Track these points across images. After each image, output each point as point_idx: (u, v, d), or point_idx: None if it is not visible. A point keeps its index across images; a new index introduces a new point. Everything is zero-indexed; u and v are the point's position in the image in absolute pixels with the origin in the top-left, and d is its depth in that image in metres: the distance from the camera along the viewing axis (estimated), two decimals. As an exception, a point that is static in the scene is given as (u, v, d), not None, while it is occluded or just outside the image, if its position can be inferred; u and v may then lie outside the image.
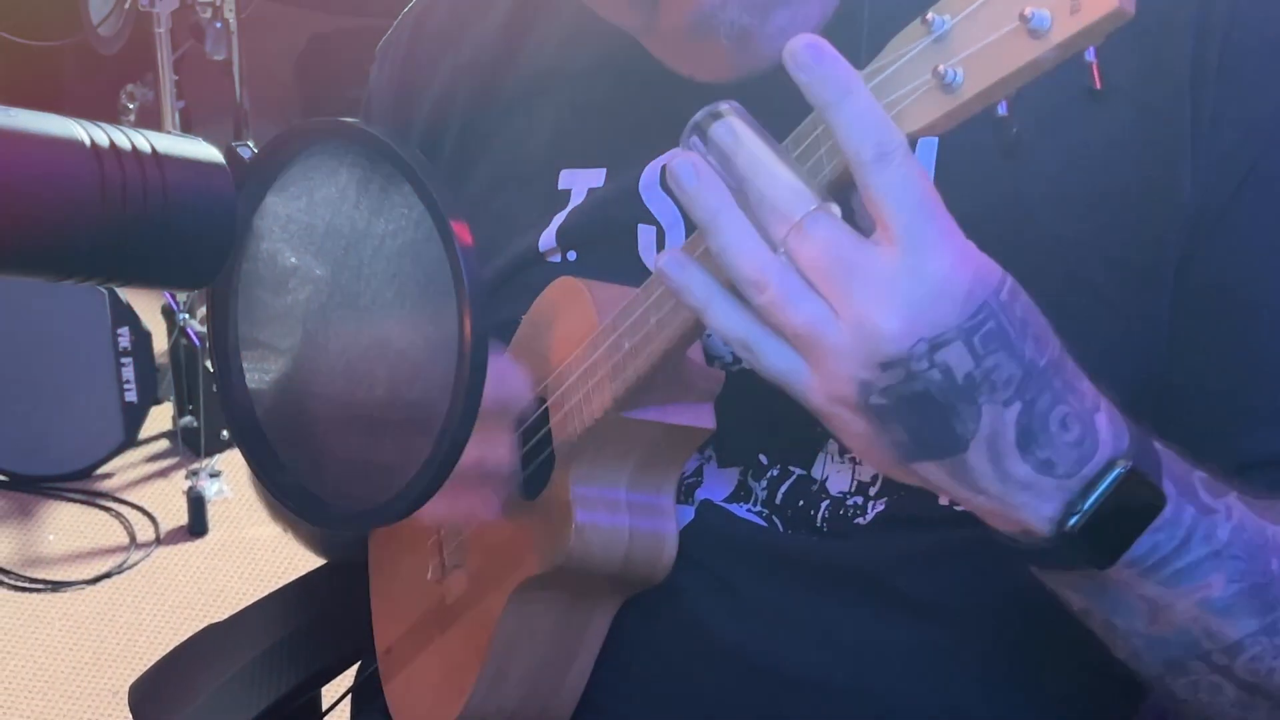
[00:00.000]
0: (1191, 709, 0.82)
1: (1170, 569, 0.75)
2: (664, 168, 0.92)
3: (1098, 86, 0.63)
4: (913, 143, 0.68)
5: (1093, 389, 0.72)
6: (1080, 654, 0.87)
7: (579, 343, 0.85)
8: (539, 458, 0.88)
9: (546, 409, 0.88)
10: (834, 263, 0.68)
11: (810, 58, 0.68)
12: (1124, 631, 0.79)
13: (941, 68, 0.64)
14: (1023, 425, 0.70)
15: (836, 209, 0.69)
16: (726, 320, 0.72)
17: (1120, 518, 0.72)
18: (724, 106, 0.71)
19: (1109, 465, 0.71)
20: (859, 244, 0.68)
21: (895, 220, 0.67)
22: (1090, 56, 0.62)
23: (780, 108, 0.87)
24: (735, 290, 0.71)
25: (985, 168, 0.74)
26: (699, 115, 0.72)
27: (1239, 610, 0.77)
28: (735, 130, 0.71)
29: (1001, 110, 0.64)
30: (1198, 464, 0.77)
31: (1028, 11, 0.61)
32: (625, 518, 0.86)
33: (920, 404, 0.69)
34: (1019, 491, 0.71)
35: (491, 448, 0.85)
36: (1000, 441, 0.70)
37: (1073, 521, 0.71)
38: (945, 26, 0.65)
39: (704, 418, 0.85)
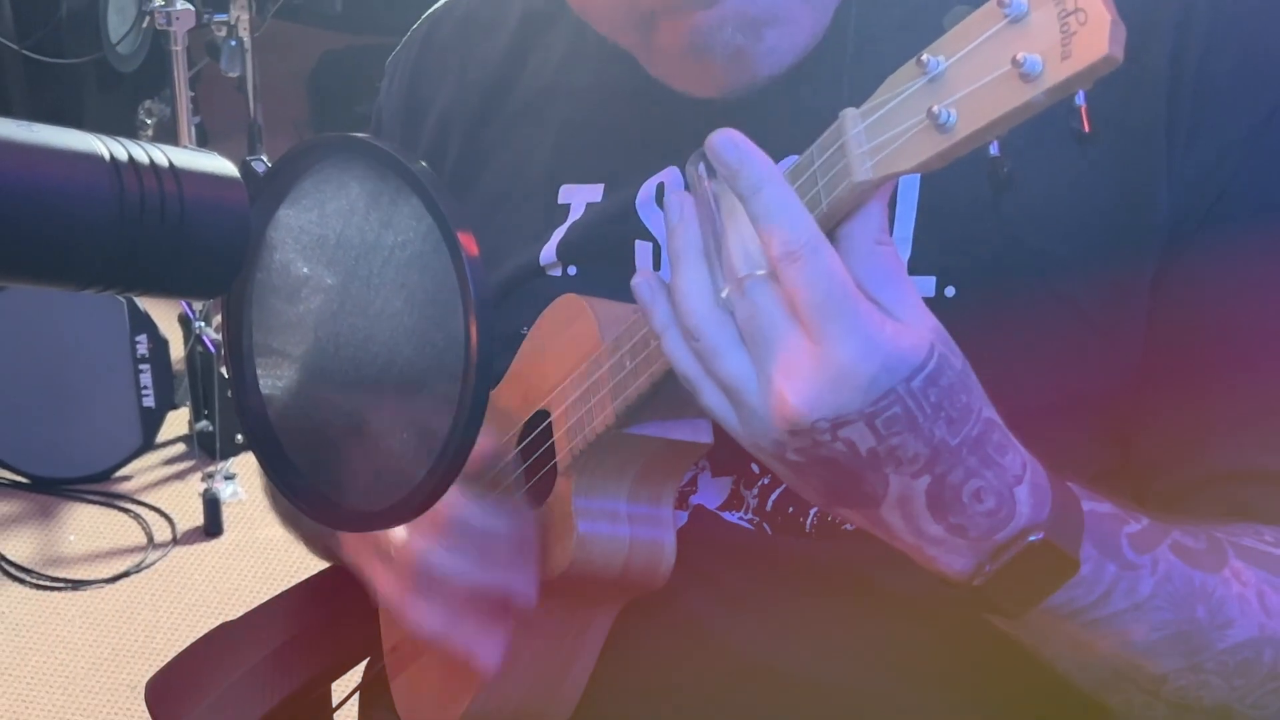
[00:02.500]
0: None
1: (1088, 618, 0.75)
2: (659, 187, 0.93)
3: (1086, 130, 0.63)
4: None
5: (1019, 459, 0.72)
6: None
7: (582, 359, 0.85)
8: (542, 470, 0.88)
9: (550, 423, 0.87)
10: (759, 330, 0.69)
11: (725, 153, 0.69)
12: (1051, 657, 0.80)
13: (935, 108, 0.64)
14: (933, 494, 0.71)
15: None
16: (676, 352, 0.73)
17: (1029, 579, 0.72)
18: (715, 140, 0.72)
19: (1022, 534, 0.72)
20: (783, 318, 0.68)
21: (804, 311, 0.67)
22: (1080, 101, 0.62)
23: (773, 122, 0.87)
24: None
25: (972, 193, 0.74)
26: (707, 144, 0.72)
27: (1162, 653, 0.77)
28: (741, 149, 0.70)
29: (993, 150, 0.64)
30: (1134, 516, 0.77)
31: (1020, 56, 0.61)
32: (625, 528, 0.86)
33: (830, 467, 0.70)
34: (930, 546, 0.72)
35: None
36: (911, 504, 0.71)
37: (978, 581, 0.72)
38: (940, 68, 0.65)
39: (702, 433, 0.85)
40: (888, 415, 0.68)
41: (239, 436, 2.78)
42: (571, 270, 0.95)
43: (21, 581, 2.58)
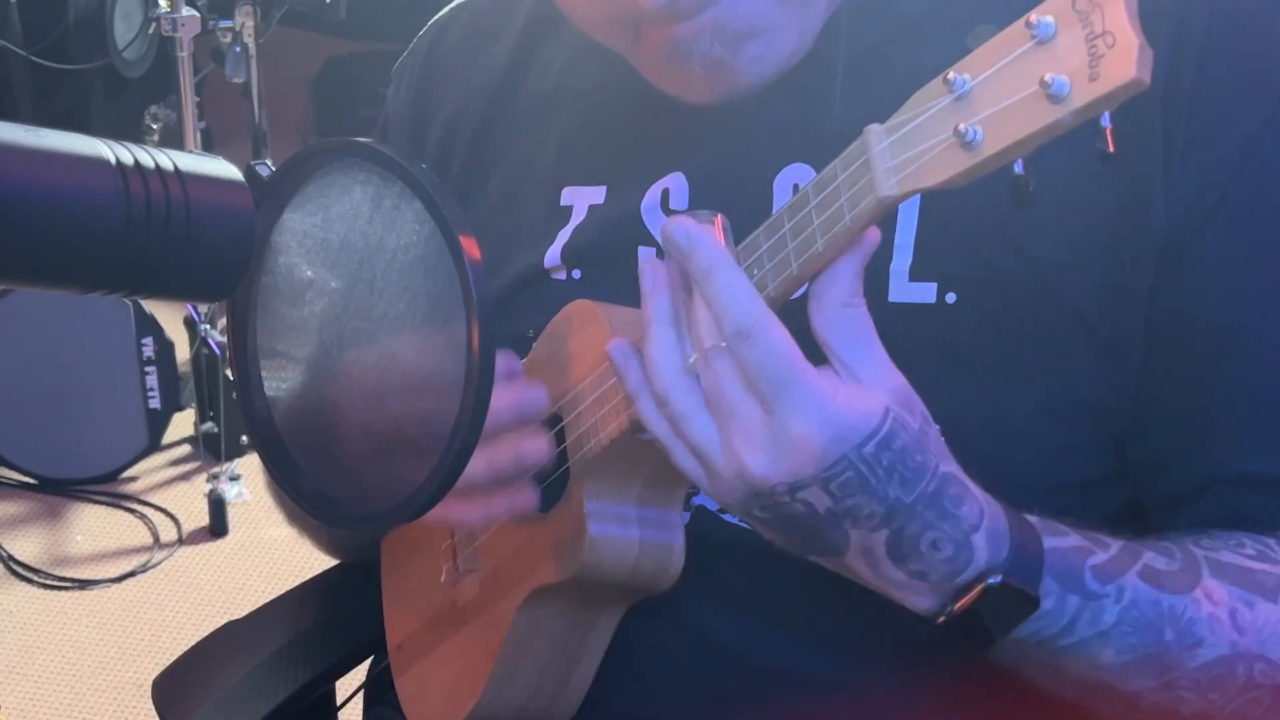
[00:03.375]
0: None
1: (1055, 646, 0.78)
2: (664, 193, 0.92)
3: (1111, 150, 0.63)
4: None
5: (977, 508, 0.74)
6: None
7: (595, 365, 0.85)
8: (555, 473, 0.88)
9: (563, 427, 0.87)
10: (722, 399, 0.72)
11: (677, 238, 0.72)
12: (1028, 675, 0.81)
13: (962, 126, 0.64)
14: (891, 545, 0.73)
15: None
16: (648, 415, 0.76)
17: (991, 617, 0.75)
18: (704, 214, 0.74)
19: (979, 577, 0.74)
20: (742, 392, 0.71)
21: (757, 386, 0.70)
22: (1106, 122, 0.62)
23: (771, 130, 0.87)
24: None
25: (973, 201, 0.74)
26: (683, 215, 0.74)
27: (1132, 673, 0.79)
28: (698, 240, 0.72)
29: (1018, 169, 0.64)
30: (1101, 545, 0.79)
31: (1048, 77, 0.61)
32: (635, 531, 0.87)
33: (792, 524, 0.74)
34: (896, 588, 0.75)
35: (533, 443, 0.85)
36: (873, 554, 0.74)
37: (942, 619, 0.75)
38: (966, 86, 0.65)
39: None
40: (841, 480, 0.71)
41: (244, 438, 2.78)
42: (576, 274, 0.95)
43: (29, 581, 2.58)
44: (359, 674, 1.18)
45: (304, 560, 2.57)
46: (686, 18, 0.82)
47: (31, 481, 2.82)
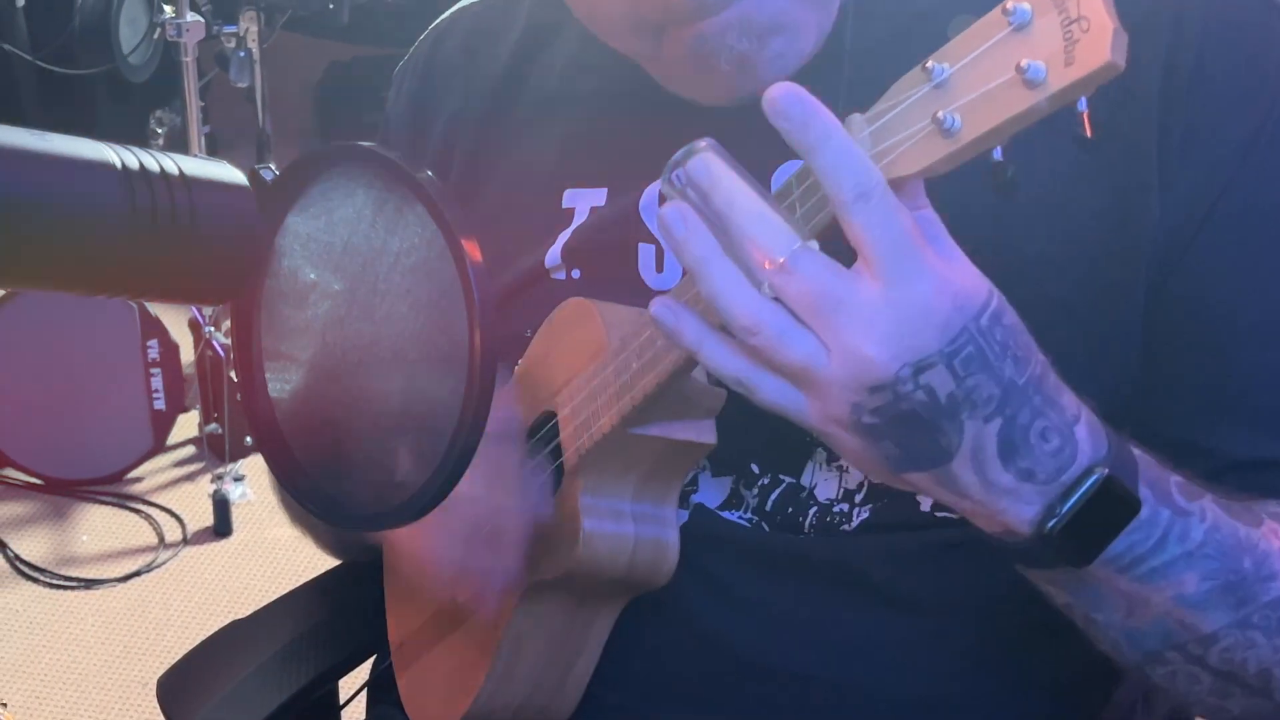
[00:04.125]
0: (1171, 696, 0.82)
1: (1146, 567, 0.75)
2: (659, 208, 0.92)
3: (1088, 135, 0.63)
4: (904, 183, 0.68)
5: (1074, 400, 0.73)
6: (1055, 646, 0.87)
7: (589, 361, 0.85)
8: (549, 469, 0.88)
9: (557, 423, 0.87)
10: (820, 298, 0.68)
11: (789, 105, 0.68)
12: (1104, 624, 0.79)
13: (941, 113, 0.64)
14: (1004, 438, 0.70)
15: (815, 244, 0.69)
16: (721, 360, 0.72)
17: (1097, 521, 0.72)
18: (700, 144, 0.71)
19: (1086, 472, 0.72)
20: (843, 278, 0.68)
21: (875, 255, 0.67)
22: (1082, 106, 0.62)
23: (764, 125, 0.86)
24: (725, 330, 0.71)
25: (969, 195, 0.74)
26: (678, 154, 0.71)
27: (1212, 605, 0.77)
28: (709, 167, 0.70)
29: (997, 155, 0.65)
30: (1175, 469, 0.77)
31: (1024, 63, 0.61)
32: (630, 526, 0.86)
33: (908, 422, 0.69)
34: (1001, 497, 0.72)
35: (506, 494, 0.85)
36: (983, 453, 0.70)
37: (1051, 524, 0.72)
38: (945, 74, 0.65)
39: (706, 434, 0.85)
40: (964, 355, 0.68)
41: (248, 439, 2.78)
42: (575, 273, 0.95)
43: (35, 580, 2.58)
44: (362, 673, 1.18)
45: (307, 560, 2.57)
46: (714, 13, 0.82)
47: (38, 482, 2.82)
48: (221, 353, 2.78)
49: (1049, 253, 0.84)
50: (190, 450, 2.95)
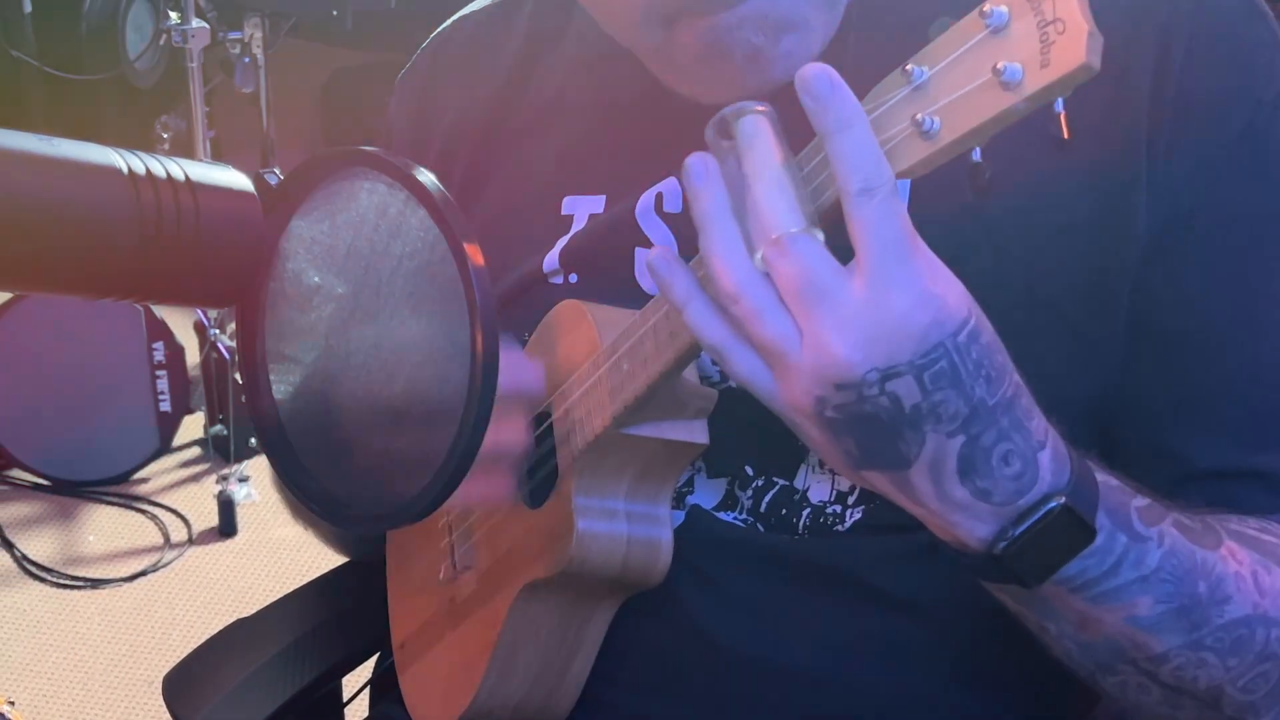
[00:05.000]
0: (1123, 705, 0.82)
1: (1099, 589, 0.75)
2: (658, 196, 0.92)
3: (1066, 136, 0.63)
4: None
5: (1043, 425, 0.72)
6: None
7: (582, 363, 0.85)
8: (544, 469, 0.88)
9: (551, 424, 0.88)
10: (806, 285, 0.67)
11: (820, 86, 0.67)
12: (1055, 634, 0.79)
13: (920, 116, 0.64)
14: (965, 455, 0.70)
15: (820, 234, 0.69)
16: (702, 321, 0.72)
17: (1048, 547, 0.72)
18: (759, 105, 0.70)
19: (1043, 499, 0.71)
20: (832, 271, 0.67)
21: (868, 253, 0.66)
22: (1059, 108, 0.63)
23: (784, 128, 0.86)
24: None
25: (956, 198, 0.74)
26: (729, 109, 0.71)
27: (1165, 628, 0.77)
28: (756, 128, 0.70)
29: (975, 156, 0.65)
30: (1139, 491, 0.77)
31: (1000, 65, 0.61)
32: (624, 526, 0.86)
33: (869, 423, 0.69)
34: (955, 511, 0.71)
35: (508, 432, 0.85)
36: (942, 467, 0.70)
37: (1001, 546, 0.71)
38: (924, 77, 0.65)
39: (698, 434, 0.85)
40: (935, 369, 0.67)
41: (252, 440, 2.78)
42: (573, 278, 0.95)
43: (42, 580, 2.58)
44: (364, 670, 1.18)
45: (311, 560, 2.57)
46: (730, 6, 0.81)
47: (45, 483, 2.82)
48: (226, 355, 2.78)
49: (1035, 253, 0.84)
50: (195, 451, 2.95)
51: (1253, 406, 0.85)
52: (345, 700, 1.19)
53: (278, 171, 0.72)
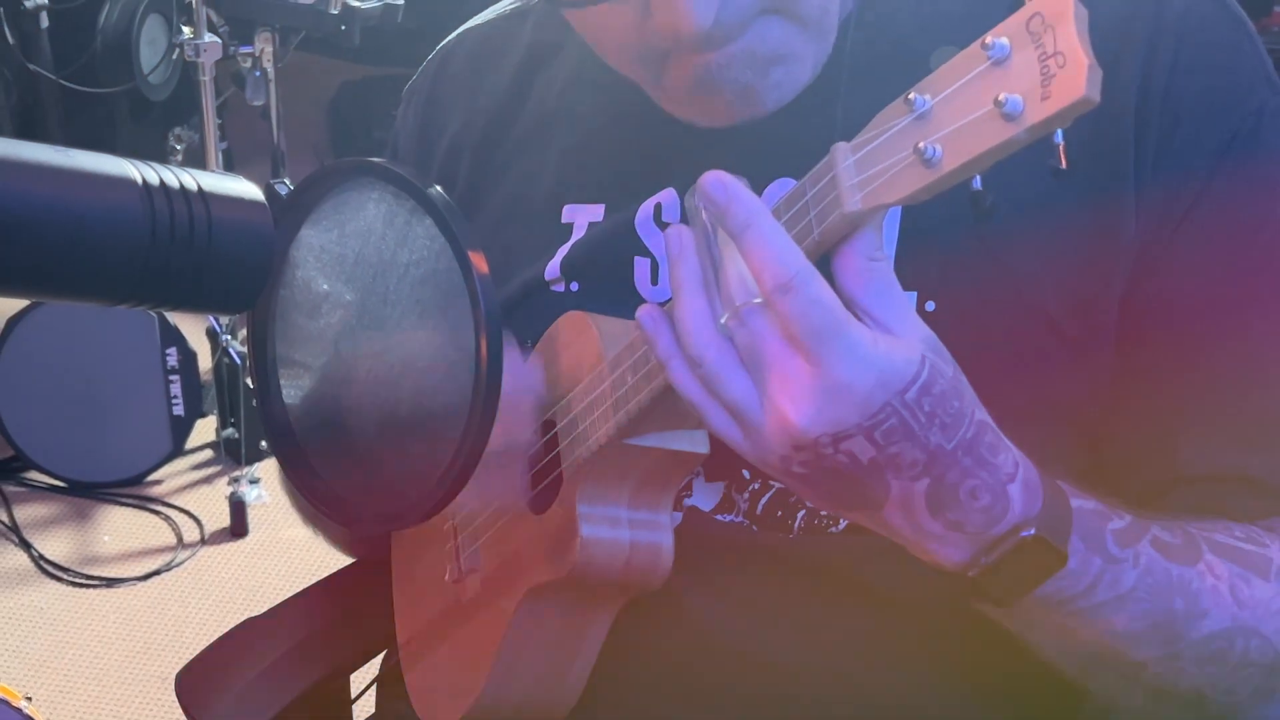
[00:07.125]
0: (1110, 703, 0.82)
1: (1074, 607, 0.76)
2: (656, 207, 0.92)
3: (1063, 166, 0.62)
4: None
5: (1011, 459, 0.72)
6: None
7: (586, 374, 0.85)
8: (549, 477, 0.88)
9: (556, 433, 0.87)
10: (759, 355, 0.69)
11: (716, 193, 0.69)
12: (1036, 641, 0.80)
13: (922, 144, 0.64)
14: (932, 494, 0.71)
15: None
16: (681, 378, 0.73)
17: (1020, 572, 0.73)
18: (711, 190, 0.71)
19: (1014, 529, 0.72)
20: (781, 344, 0.68)
21: (801, 337, 0.67)
22: (1058, 139, 0.62)
23: (769, 150, 0.86)
24: None
25: (952, 215, 0.74)
26: (691, 191, 0.72)
27: (1142, 641, 0.77)
28: (729, 189, 0.70)
29: (976, 184, 0.64)
30: (1116, 512, 0.77)
31: (1002, 97, 0.61)
32: (626, 532, 0.86)
33: (834, 476, 0.70)
34: (930, 540, 0.73)
35: (516, 431, 0.85)
36: (912, 504, 0.71)
37: (974, 571, 0.72)
38: (926, 106, 0.65)
39: (699, 444, 0.85)
40: (885, 427, 0.68)
41: (263, 443, 2.78)
42: (574, 286, 0.95)
43: (59, 579, 2.58)
44: (372, 668, 1.18)
45: (320, 560, 2.56)
46: (719, 46, 0.81)
47: (61, 484, 2.82)
48: (238, 360, 2.77)
49: (1034, 267, 0.84)
50: (208, 454, 2.95)
51: (1240, 412, 0.85)
52: (353, 697, 1.19)
53: (288, 182, 0.72)
